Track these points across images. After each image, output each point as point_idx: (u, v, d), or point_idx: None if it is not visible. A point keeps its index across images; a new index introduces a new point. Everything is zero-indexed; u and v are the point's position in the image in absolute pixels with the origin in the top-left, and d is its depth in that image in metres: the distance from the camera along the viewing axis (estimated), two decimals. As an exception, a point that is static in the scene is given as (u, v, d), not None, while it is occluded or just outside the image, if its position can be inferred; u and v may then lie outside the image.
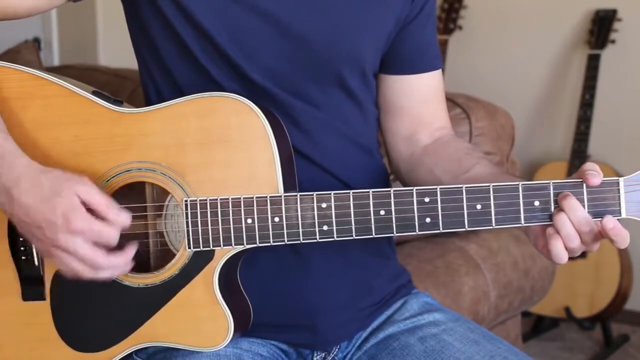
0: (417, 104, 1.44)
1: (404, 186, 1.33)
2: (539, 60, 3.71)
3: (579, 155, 3.38)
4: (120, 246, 1.19)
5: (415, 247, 2.20)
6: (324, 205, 1.20)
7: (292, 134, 1.27)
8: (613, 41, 3.49)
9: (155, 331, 1.25)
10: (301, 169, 1.27)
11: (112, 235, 1.17)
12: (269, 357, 1.33)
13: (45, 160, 1.25)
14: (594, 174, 1.15)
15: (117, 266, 1.19)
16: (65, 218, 1.15)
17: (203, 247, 1.22)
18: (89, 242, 1.16)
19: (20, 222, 1.19)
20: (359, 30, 1.33)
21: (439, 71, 1.47)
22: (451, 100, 2.23)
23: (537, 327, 3.55)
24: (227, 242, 1.21)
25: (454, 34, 3.78)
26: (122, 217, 1.18)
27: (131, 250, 1.20)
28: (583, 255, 3.33)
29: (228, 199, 1.21)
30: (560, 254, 1.16)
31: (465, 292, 2.11)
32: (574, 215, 1.15)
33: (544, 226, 1.19)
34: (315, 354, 1.37)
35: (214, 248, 1.22)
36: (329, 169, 1.33)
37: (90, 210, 1.17)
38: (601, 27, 3.48)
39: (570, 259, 1.19)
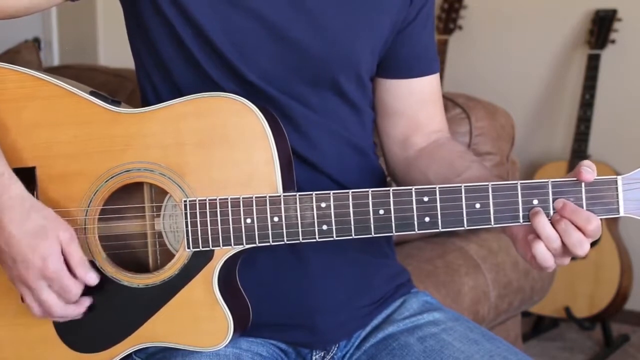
0: (413, 107, 1.44)
1: (401, 187, 1.33)
2: (539, 60, 3.71)
3: (579, 155, 3.37)
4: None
5: (415, 247, 2.20)
6: (323, 205, 1.20)
7: (289, 136, 1.26)
8: (613, 41, 3.49)
9: (154, 331, 1.25)
10: (298, 171, 1.27)
11: (76, 294, 1.22)
12: (268, 356, 1.33)
13: (44, 161, 1.25)
14: (588, 170, 1.15)
15: (68, 316, 1.24)
16: (43, 262, 1.19)
17: (202, 247, 1.22)
18: (54, 289, 1.21)
19: None
20: (355, 35, 1.33)
21: (437, 75, 1.47)
22: (451, 100, 2.23)
23: (537, 327, 3.55)
24: (226, 242, 1.21)
25: (454, 34, 3.78)
26: (89, 277, 1.22)
27: (85, 304, 1.24)
28: (583, 255, 3.32)
29: (227, 199, 1.21)
30: (545, 255, 1.16)
31: (465, 292, 2.11)
32: (577, 217, 1.15)
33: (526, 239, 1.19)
34: (314, 353, 1.37)
35: (213, 248, 1.22)
36: (326, 170, 1.33)
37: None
38: (601, 27, 3.48)
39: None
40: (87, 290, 1.24)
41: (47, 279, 1.19)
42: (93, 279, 1.22)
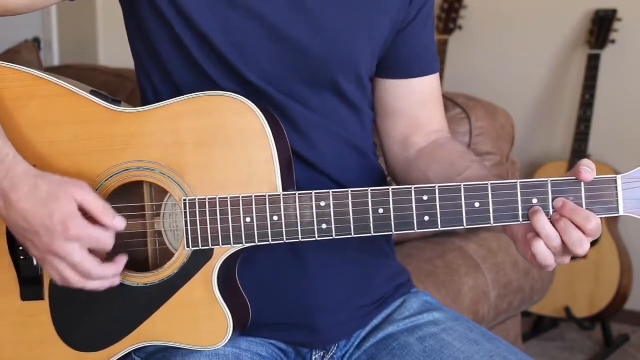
0: (413, 107, 1.44)
1: (401, 187, 1.33)
2: (539, 60, 3.71)
3: (579, 155, 3.37)
4: (111, 256, 1.20)
5: (415, 247, 2.20)
6: (322, 203, 1.20)
7: (289, 135, 1.27)
8: (613, 41, 3.49)
9: (154, 330, 1.25)
10: (297, 171, 1.27)
11: (108, 241, 1.19)
12: (267, 356, 1.33)
13: (44, 160, 1.25)
14: (587, 169, 1.15)
15: (107, 277, 1.20)
16: (63, 225, 1.16)
17: (202, 246, 1.22)
18: (84, 249, 1.18)
19: (17, 227, 1.19)
20: (354, 35, 1.33)
21: (437, 75, 1.46)
22: (451, 100, 2.23)
23: (537, 327, 3.55)
24: (226, 241, 1.21)
25: (454, 34, 3.78)
26: (117, 222, 1.19)
27: (121, 262, 1.21)
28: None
29: (227, 198, 1.21)
30: (545, 254, 1.16)
31: (465, 292, 2.11)
32: (577, 217, 1.15)
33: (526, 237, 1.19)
34: (314, 353, 1.37)
35: (213, 247, 1.22)
36: (325, 170, 1.34)
37: (85, 215, 1.18)
38: (601, 27, 3.48)
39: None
40: (87, 291, 1.24)
41: (74, 239, 1.17)
42: (121, 223, 1.19)
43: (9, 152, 1.20)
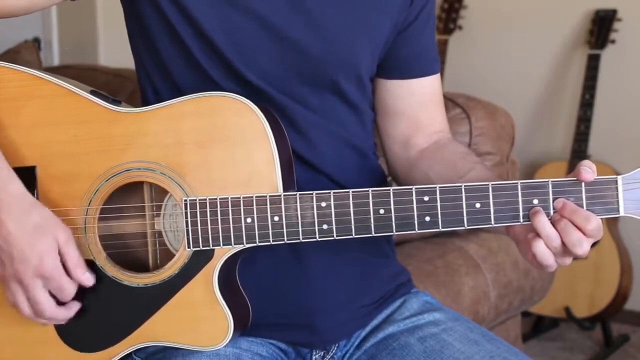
0: (414, 108, 1.44)
1: (402, 188, 1.33)
2: (539, 60, 3.71)
3: (579, 155, 3.37)
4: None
5: (415, 247, 2.20)
6: (323, 204, 1.20)
7: (289, 136, 1.26)
8: (613, 41, 3.49)
9: (154, 331, 1.25)
10: (297, 171, 1.27)
11: (70, 294, 1.22)
12: (268, 356, 1.33)
13: (44, 160, 1.25)
14: (587, 170, 1.15)
15: (57, 318, 1.23)
16: (40, 259, 1.19)
17: (203, 246, 1.22)
18: (47, 289, 1.21)
19: None
20: (355, 36, 1.33)
21: (437, 75, 1.46)
22: (451, 100, 2.23)
23: (537, 327, 3.55)
24: (226, 241, 1.21)
25: (454, 34, 3.78)
26: (85, 278, 1.22)
27: (73, 310, 1.24)
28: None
29: (227, 198, 1.21)
30: (545, 254, 1.16)
31: (465, 292, 2.11)
32: (576, 217, 1.15)
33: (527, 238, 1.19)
34: (314, 353, 1.37)
35: (213, 247, 1.22)
36: (325, 170, 1.33)
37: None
38: (601, 27, 3.48)
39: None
40: (87, 290, 1.24)
41: (43, 277, 1.20)
42: (89, 280, 1.22)
43: (2, 168, 1.20)
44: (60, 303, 1.23)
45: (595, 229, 1.15)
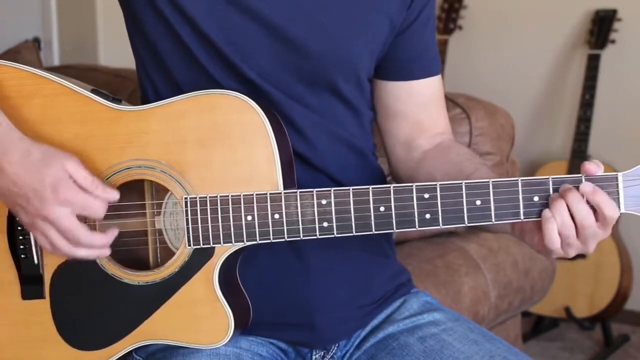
0: (415, 109, 1.44)
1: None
2: (539, 60, 3.71)
3: (579, 155, 3.37)
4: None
5: (415, 247, 2.20)
6: (323, 201, 1.20)
7: (288, 134, 1.27)
8: (613, 41, 3.49)
9: (155, 329, 1.25)
10: (297, 170, 1.27)
11: (99, 207, 1.19)
12: (268, 356, 1.33)
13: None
14: (594, 163, 1.16)
15: (95, 245, 1.21)
16: (54, 189, 1.17)
17: (203, 244, 1.22)
18: (74, 215, 1.18)
19: (7, 192, 1.19)
20: (353, 37, 1.33)
21: (438, 76, 1.46)
22: (451, 100, 2.23)
23: (537, 327, 3.55)
24: (227, 239, 1.21)
25: (454, 34, 3.78)
26: (107, 193, 1.19)
27: (112, 234, 1.22)
28: (583, 255, 3.33)
29: (228, 196, 1.21)
30: (554, 238, 1.17)
31: (465, 292, 2.11)
32: (576, 208, 1.15)
33: (539, 222, 1.19)
34: (314, 353, 1.37)
35: (214, 245, 1.22)
36: (324, 169, 1.34)
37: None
38: (601, 27, 3.48)
39: (570, 259, 1.20)
40: (87, 287, 1.24)
41: (64, 203, 1.17)
42: (113, 193, 1.20)
43: (1, 122, 1.20)
44: (95, 225, 1.21)
45: (611, 217, 1.16)
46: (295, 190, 1.20)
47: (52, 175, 1.17)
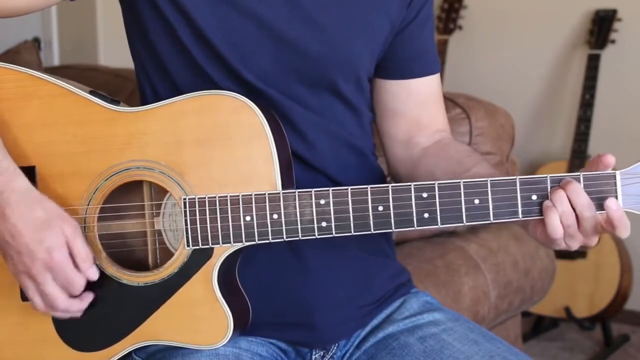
0: (414, 108, 1.44)
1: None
2: (539, 60, 3.71)
3: (579, 155, 3.38)
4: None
5: (415, 247, 2.20)
6: (322, 201, 1.20)
7: (287, 135, 1.27)
8: (613, 41, 3.49)
9: (154, 330, 1.25)
10: (295, 169, 1.27)
11: (79, 287, 1.22)
12: (267, 356, 1.33)
13: (44, 160, 1.25)
14: (607, 155, 1.16)
15: (71, 310, 1.23)
16: (48, 253, 1.18)
17: (202, 245, 1.22)
18: (58, 282, 1.20)
19: (1, 240, 1.20)
20: (353, 38, 1.33)
21: (437, 75, 1.46)
22: (451, 100, 2.23)
23: (537, 327, 3.55)
24: (226, 239, 1.21)
25: (454, 34, 3.78)
26: (91, 272, 1.21)
27: (87, 300, 1.24)
28: (583, 255, 3.33)
29: (226, 196, 1.21)
30: (556, 227, 1.16)
31: (465, 292, 2.11)
32: (577, 198, 1.15)
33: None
34: (314, 353, 1.37)
35: (212, 246, 1.22)
36: (324, 170, 1.34)
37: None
38: (601, 27, 3.48)
39: (570, 257, 1.20)
40: (87, 288, 1.24)
41: (51, 270, 1.19)
42: (95, 274, 1.22)
43: (8, 166, 1.20)
44: (72, 295, 1.23)
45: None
46: (293, 191, 1.20)
47: (50, 239, 1.18)
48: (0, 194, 1.18)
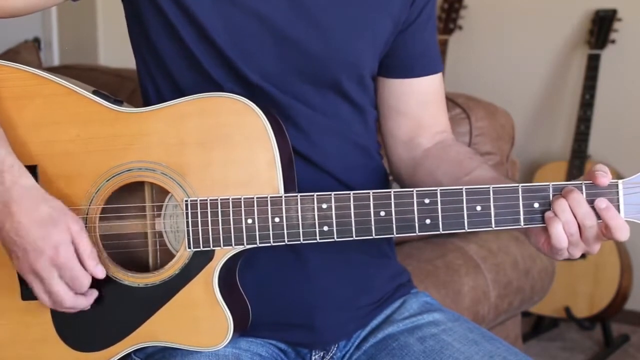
0: (416, 107, 1.44)
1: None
2: (539, 60, 3.71)
3: (579, 155, 3.38)
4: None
5: (415, 248, 2.20)
6: (324, 205, 1.20)
7: (291, 135, 1.27)
8: (613, 41, 3.49)
9: (154, 331, 1.25)
10: (300, 170, 1.27)
11: (86, 284, 1.21)
12: (267, 357, 1.33)
13: (46, 160, 1.25)
14: (603, 173, 1.16)
15: (77, 306, 1.23)
16: (55, 250, 1.18)
17: (203, 247, 1.22)
18: (64, 279, 1.20)
19: (7, 237, 1.20)
20: (356, 36, 1.33)
21: (439, 74, 1.46)
22: (451, 100, 2.23)
23: (537, 327, 3.55)
24: (227, 242, 1.21)
25: (454, 34, 3.78)
26: (98, 270, 1.21)
27: (93, 296, 1.23)
28: (583, 255, 3.32)
29: (228, 199, 1.21)
30: (561, 236, 1.17)
31: (465, 292, 2.11)
32: (578, 207, 1.15)
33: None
34: (313, 353, 1.37)
35: (214, 248, 1.22)
36: (328, 169, 1.34)
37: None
38: (601, 27, 3.48)
39: (571, 259, 1.20)
40: (89, 287, 1.24)
41: (58, 267, 1.19)
42: (101, 272, 1.21)
43: (13, 164, 1.20)
44: (78, 293, 1.22)
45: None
46: (295, 194, 1.20)
47: (56, 236, 1.18)
48: (6, 191, 1.18)
